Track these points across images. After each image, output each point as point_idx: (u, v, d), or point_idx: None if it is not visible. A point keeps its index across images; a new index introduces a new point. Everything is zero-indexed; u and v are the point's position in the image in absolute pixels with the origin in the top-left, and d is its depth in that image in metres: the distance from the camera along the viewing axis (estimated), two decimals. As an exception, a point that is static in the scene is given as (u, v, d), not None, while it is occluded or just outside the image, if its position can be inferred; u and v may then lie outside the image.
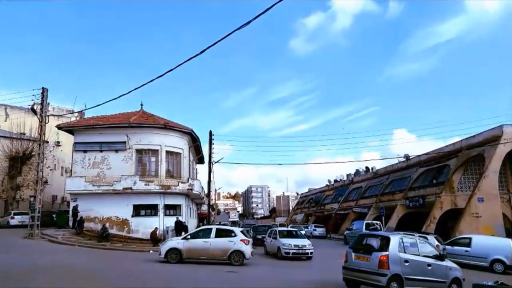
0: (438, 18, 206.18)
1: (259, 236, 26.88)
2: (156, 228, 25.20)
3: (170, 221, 27.94)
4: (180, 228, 24.91)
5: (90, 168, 27.87)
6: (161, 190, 27.57)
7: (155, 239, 24.45)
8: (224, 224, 40.14)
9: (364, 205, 42.10)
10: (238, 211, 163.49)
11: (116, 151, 28.25)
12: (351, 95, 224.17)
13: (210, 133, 32.74)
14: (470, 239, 19.07)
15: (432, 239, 18.76)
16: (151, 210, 28.02)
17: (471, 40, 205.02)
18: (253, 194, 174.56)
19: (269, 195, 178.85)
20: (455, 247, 19.14)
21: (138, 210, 27.76)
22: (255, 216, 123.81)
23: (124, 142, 28.16)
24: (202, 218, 47.54)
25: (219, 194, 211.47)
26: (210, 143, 32.49)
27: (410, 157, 36.87)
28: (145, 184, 27.10)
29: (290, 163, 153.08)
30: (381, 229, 26.66)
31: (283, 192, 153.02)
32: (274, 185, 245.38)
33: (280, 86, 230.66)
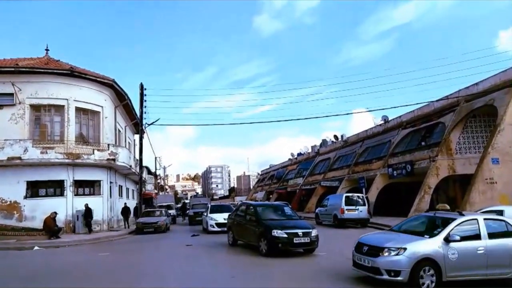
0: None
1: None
2: (53, 214, 17.62)
3: (84, 203, 20.47)
4: None
5: (-41, 131, 19.53)
6: (68, 161, 19.85)
7: (51, 229, 16.92)
8: (167, 206, 33.04)
9: (334, 177, 36.40)
10: (197, 192, 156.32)
11: (1, 106, 20.02)
12: (313, 75, 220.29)
13: (142, 87, 24.97)
14: (500, 212, 13.24)
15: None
16: (55, 188, 20.34)
17: (423, 24, 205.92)
18: (213, 174, 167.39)
19: (229, 175, 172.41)
20: (479, 224, 13.20)
21: (35, 189, 20.03)
22: (215, 197, 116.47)
23: (12, 95, 19.97)
24: (146, 200, 40.05)
25: (178, 176, 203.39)
26: (142, 100, 24.82)
27: (389, 119, 31.25)
28: (42, 152, 19.20)
29: (240, 123, 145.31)
30: (364, 203, 20.77)
31: (244, 172, 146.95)
32: (236, 167, 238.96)
33: (243, 67, 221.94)
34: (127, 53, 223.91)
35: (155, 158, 49.76)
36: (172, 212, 32.88)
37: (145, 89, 24.92)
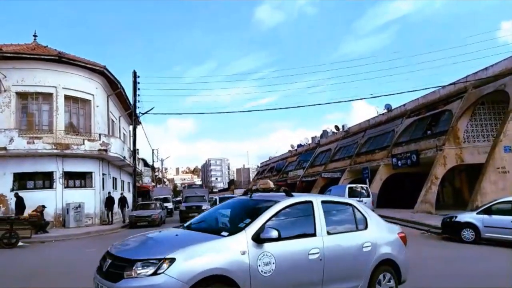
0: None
1: None
2: (40, 207, 16.68)
3: (74, 196, 19.58)
4: None
5: None
6: (57, 151, 18.88)
7: (38, 222, 15.97)
8: (164, 198, 32.15)
9: (335, 169, 35.51)
10: (194, 183, 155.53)
11: (-15, 94, 19.00)
12: (313, 67, 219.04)
13: (135, 74, 23.91)
14: (516, 202, 12.40)
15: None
16: (44, 180, 19.40)
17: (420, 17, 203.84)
18: (212, 167, 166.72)
19: (228, 168, 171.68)
20: (494, 216, 12.41)
21: (23, 181, 19.09)
22: (214, 190, 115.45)
23: (-3, 82, 18.92)
24: (143, 193, 39.13)
25: (177, 169, 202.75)
26: (135, 87, 23.79)
27: (393, 108, 30.26)
28: (29, 142, 18.21)
29: (239, 111, 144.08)
30: (368, 195, 19.88)
31: (243, 165, 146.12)
32: (236, 160, 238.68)
33: (242, 60, 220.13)
34: (125, 48, 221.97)
35: (152, 150, 48.80)
36: (169, 205, 31.99)
37: (139, 76, 23.90)
